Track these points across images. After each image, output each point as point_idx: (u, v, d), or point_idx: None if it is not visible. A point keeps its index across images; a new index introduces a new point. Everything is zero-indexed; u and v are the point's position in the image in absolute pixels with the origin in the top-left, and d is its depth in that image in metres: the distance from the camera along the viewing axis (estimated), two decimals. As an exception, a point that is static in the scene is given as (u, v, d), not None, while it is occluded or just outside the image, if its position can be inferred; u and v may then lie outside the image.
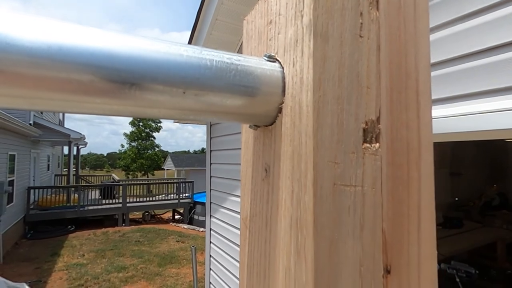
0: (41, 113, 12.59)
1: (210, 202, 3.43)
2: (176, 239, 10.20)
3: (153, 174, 31.42)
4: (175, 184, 14.81)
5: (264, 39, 0.25)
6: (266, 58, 0.22)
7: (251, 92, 0.21)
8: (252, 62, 0.22)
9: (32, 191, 11.00)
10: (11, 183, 9.04)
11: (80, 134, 12.46)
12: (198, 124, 3.70)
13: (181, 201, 14.06)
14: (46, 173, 15.35)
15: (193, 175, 22.79)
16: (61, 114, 18.84)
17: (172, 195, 14.72)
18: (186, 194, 14.62)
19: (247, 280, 0.26)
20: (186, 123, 3.64)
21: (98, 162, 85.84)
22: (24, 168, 10.73)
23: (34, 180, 12.27)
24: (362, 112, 0.20)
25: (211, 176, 3.44)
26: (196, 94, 0.19)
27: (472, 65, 1.03)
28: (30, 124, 10.44)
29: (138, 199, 13.46)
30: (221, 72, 0.20)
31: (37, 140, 12.11)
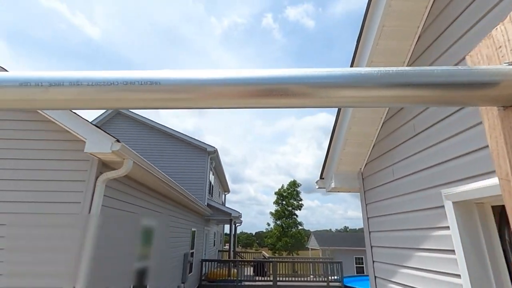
0: (211, 195, 15.67)
1: (375, 277, 3.13)
2: (330, 328, 9.16)
3: (297, 254, 31.18)
4: (321, 265, 14.05)
5: (495, 58, 0.40)
6: (506, 64, 0.37)
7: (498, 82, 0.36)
8: (492, 68, 0.37)
9: (204, 263, 13.02)
10: (191, 255, 11.10)
11: (238, 212, 14.44)
12: (349, 191, 3.72)
13: (330, 284, 13.00)
14: (212, 248, 18.01)
15: (339, 255, 21.12)
16: (223, 196, 22.71)
17: (320, 277, 13.89)
18: (335, 277, 13.48)
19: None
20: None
21: (248, 240, 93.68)
22: (199, 243, 13.08)
23: (205, 254, 14.59)
24: None
25: (371, 246, 3.22)
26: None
27: None
28: (206, 204, 13.07)
29: (285, 278, 13.39)
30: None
31: (208, 219, 14.83)
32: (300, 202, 31.75)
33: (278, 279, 13.07)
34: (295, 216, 31.27)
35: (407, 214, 2.55)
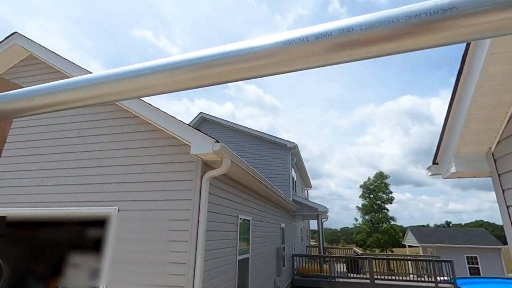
0: (295, 191, 15.68)
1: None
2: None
3: (391, 251, 28.61)
4: (426, 263, 12.52)
5: None
6: None
7: None
8: None
9: (295, 258, 13.11)
10: (283, 249, 11.29)
11: (325, 207, 14.06)
12: (474, 176, 3.15)
13: (439, 285, 11.46)
14: (300, 243, 18.02)
15: (445, 253, 18.53)
16: (306, 192, 22.53)
17: (423, 276, 12.39)
18: (444, 278, 11.83)
19: None
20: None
21: (333, 237, 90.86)
22: (288, 238, 13.22)
23: (294, 249, 14.69)
24: None
25: (517, 241, 2.65)
26: None
27: None
28: (292, 200, 13.13)
29: (382, 277, 12.39)
30: None
31: (294, 214, 14.88)
32: (390, 195, 28.93)
33: (375, 277, 12.20)
34: (385, 211, 28.66)
35: None
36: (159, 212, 4.24)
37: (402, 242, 25.89)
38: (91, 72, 4.86)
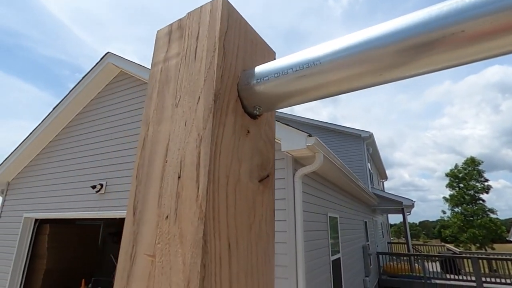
0: (372, 183, 14.49)
1: None
2: None
3: (492, 248, 24.51)
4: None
5: None
6: None
7: None
8: None
9: (380, 256, 12.07)
10: (368, 247, 10.47)
11: (411, 200, 12.64)
12: None
13: None
14: (382, 240, 16.65)
15: None
16: (381, 184, 20.77)
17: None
18: None
19: None
20: None
21: (412, 231, 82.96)
22: (371, 235, 12.24)
23: (377, 246, 13.58)
24: None
25: None
26: None
27: None
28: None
29: (487, 279, 10.55)
30: None
31: (374, 209, 13.75)
32: (485, 184, 24.66)
33: (483, 279, 10.47)
34: (481, 202, 24.52)
35: None
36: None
37: (508, 238, 21.91)
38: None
